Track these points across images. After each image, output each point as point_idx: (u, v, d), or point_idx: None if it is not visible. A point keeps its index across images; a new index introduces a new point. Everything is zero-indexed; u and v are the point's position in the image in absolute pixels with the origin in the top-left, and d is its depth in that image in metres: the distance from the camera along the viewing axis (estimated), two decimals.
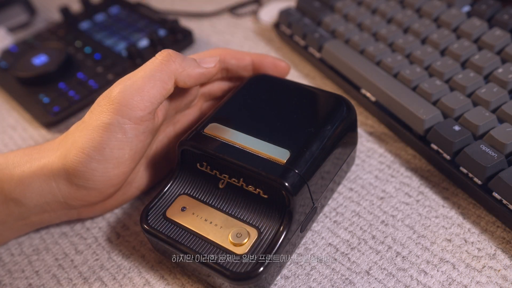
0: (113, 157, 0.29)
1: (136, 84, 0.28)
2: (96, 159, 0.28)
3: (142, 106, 0.28)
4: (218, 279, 0.27)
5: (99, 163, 0.28)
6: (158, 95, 0.29)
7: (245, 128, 0.30)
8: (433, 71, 0.37)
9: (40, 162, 0.30)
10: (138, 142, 0.29)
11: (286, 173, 0.27)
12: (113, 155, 0.29)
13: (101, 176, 0.29)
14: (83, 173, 0.29)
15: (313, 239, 0.31)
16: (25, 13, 0.62)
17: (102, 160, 0.28)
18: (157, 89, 0.29)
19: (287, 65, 0.37)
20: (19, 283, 0.32)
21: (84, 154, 0.28)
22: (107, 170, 0.29)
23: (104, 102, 0.29)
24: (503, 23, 0.37)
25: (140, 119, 0.29)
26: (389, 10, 0.43)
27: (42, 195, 0.30)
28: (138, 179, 0.34)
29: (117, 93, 0.28)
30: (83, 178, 0.29)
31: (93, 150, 0.28)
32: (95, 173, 0.29)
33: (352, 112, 0.32)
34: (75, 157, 0.28)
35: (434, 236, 0.31)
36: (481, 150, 0.30)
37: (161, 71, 0.29)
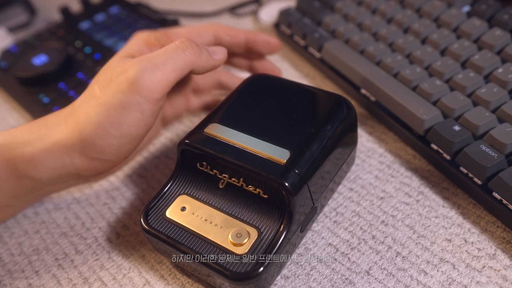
0: (129, 134, 0.30)
1: (158, 68, 0.29)
2: (114, 135, 0.29)
3: (160, 88, 0.29)
4: (218, 279, 0.27)
5: (116, 139, 0.30)
6: (174, 80, 0.30)
7: (245, 128, 0.30)
8: (433, 71, 0.37)
9: (51, 138, 0.30)
10: (153, 120, 0.31)
11: (286, 173, 0.27)
12: (130, 131, 0.30)
13: (117, 150, 0.30)
14: (100, 147, 0.30)
15: (313, 239, 0.31)
16: (25, 13, 0.62)
17: (119, 136, 0.30)
18: (175, 75, 0.30)
19: (278, 42, 0.39)
20: (19, 283, 0.32)
21: (102, 130, 0.29)
22: (122, 145, 0.30)
23: (122, 80, 0.29)
24: (503, 23, 0.37)
25: (157, 100, 0.30)
26: (389, 10, 0.43)
27: (56, 169, 0.31)
28: (141, 145, 0.37)
29: (137, 73, 0.29)
30: (99, 152, 0.30)
31: (112, 127, 0.29)
32: (111, 147, 0.30)
33: (352, 112, 0.32)
34: (93, 133, 0.29)
35: (434, 236, 0.31)
36: (481, 150, 0.30)
37: (181, 59, 0.30)
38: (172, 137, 0.41)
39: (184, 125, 0.42)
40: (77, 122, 0.30)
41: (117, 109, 0.29)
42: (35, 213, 0.36)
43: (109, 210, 0.36)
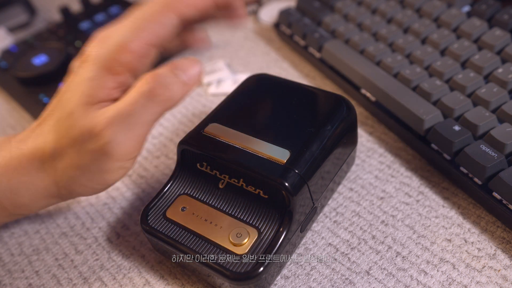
0: (115, 181, 0.28)
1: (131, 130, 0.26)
2: (100, 189, 0.29)
3: (139, 149, 0.27)
4: (218, 279, 0.27)
5: (102, 188, 0.29)
6: (149, 131, 0.27)
7: (245, 128, 0.30)
8: (433, 71, 0.37)
9: (36, 187, 0.28)
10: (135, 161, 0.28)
11: (286, 173, 0.27)
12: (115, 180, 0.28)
13: (104, 190, 0.29)
14: (88, 195, 0.29)
15: (313, 239, 0.31)
16: (25, 13, 0.62)
17: (106, 187, 0.29)
18: (149, 129, 0.27)
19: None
20: (19, 283, 0.32)
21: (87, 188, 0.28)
22: (109, 185, 0.29)
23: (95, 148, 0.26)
24: (503, 23, 0.37)
25: (137, 155, 0.28)
26: (389, 10, 0.43)
27: (47, 205, 0.30)
28: None
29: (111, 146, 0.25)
30: (87, 196, 0.30)
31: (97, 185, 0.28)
32: (99, 191, 0.29)
33: (352, 112, 0.32)
34: (78, 190, 0.28)
35: (434, 236, 0.31)
36: (481, 150, 0.30)
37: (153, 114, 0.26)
38: (172, 137, 0.41)
39: (184, 125, 0.42)
40: (59, 176, 0.27)
41: (98, 173, 0.27)
42: (35, 213, 0.36)
43: (109, 210, 0.36)
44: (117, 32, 0.27)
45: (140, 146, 0.27)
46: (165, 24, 0.27)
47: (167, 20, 0.27)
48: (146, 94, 0.25)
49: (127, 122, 0.25)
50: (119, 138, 0.25)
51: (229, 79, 0.46)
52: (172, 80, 0.26)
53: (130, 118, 0.25)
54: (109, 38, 0.26)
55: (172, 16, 0.27)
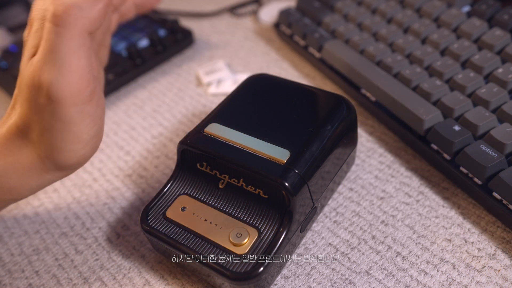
0: (93, 136, 0.27)
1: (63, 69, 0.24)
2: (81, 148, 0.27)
3: (85, 83, 0.25)
4: (218, 279, 0.27)
5: (85, 148, 0.27)
6: (88, 61, 0.25)
7: (245, 128, 0.30)
8: (433, 71, 0.37)
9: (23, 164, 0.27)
10: (102, 106, 0.27)
11: (286, 173, 0.27)
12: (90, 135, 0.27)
13: (92, 151, 0.28)
14: (75, 162, 0.27)
15: (313, 239, 0.31)
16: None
17: (86, 144, 0.27)
18: (84, 57, 0.25)
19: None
20: (19, 283, 0.32)
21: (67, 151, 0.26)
22: (94, 145, 0.28)
23: (45, 101, 0.25)
24: (503, 23, 0.37)
25: (91, 93, 0.26)
26: (389, 10, 0.43)
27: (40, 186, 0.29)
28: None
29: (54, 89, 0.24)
30: (76, 164, 0.28)
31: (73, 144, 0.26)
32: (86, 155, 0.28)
33: (352, 112, 0.32)
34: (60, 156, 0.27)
35: (434, 236, 0.31)
36: (481, 150, 0.30)
37: (72, 38, 0.24)
38: (172, 137, 0.41)
39: (184, 125, 0.42)
40: (37, 147, 0.27)
41: (65, 128, 0.25)
42: (35, 213, 0.36)
43: (109, 210, 0.36)
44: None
45: (86, 80, 0.25)
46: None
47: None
48: (52, 19, 0.24)
49: (53, 58, 0.24)
50: (56, 77, 0.24)
51: (229, 79, 0.46)
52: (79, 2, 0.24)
53: (53, 52, 0.24)
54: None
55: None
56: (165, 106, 0.45)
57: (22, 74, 0.26)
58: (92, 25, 0.25)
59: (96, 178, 0.39)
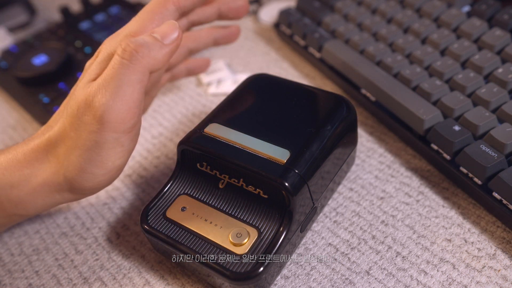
0: (115, 166, 0.28)
1: (118, 96, 0.26)
2: (101, 174, 0.28)
3: (131, 114, 0.27)
4: (218, 279, 0.27)
5: (104, 176, 0.28)
6: (141, 96, 0.27)
7: (245, 128, 0.30)
8: (433, 71, 0.37)
9: (37, 178, 0.28)
10: (134, 143, 0.29)
11: (286, 173, 0.27)
12: (115, 165, 0.28)
13: (108, 182, 0.29)
14: (89, 187, 0.28)
15: (313, 239, 0.31)
16: (25, 13, 0.62)
17: (106, 173, 0.28)
18: (138, 91, 0.27)
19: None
20: (19, 283, 0.32)
21: (87, 174, 0.28)
22: (112, 176, 0.29)
23: (89, 120, 0.26)
24: (503, 23, 0.37)
25: (132, 126, 0.27)
26: (389, 10, 0.43)
27: (47, 206, 0.30)
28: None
29: (102, 111, 0.26)
30: (89, 190, 0.29)
31: (96, 168, 0.27)
32: (101, 184, 0.29)
33: (352, 112, 0.32)
34: (79, 178, 0.28)
35: (434, 236, 0.31)
36: (481, 150, 0.30)
37: (135, 72, 0.26)
38: (172, 137, 0.41)
39: (184, 125, 0.42)
40: (60, 163, 0.28)
41: (95, 150, 0.27)
42: None
43: (109, 210, 0.36)
44: (125, 27, 0.30)
45: (132, 113, 0.27)
46: (165, 15, 0.30)
47: (167, 11, 0.30)
48: (121, 52, 0.26)
49: (112, 85, 0.26)
50: (109, 101, 0.26)
51: (229, 79, 0.46)
52: (148, 40, 0.27)
53: (114, 80, 0.26)
54: (118, 34, 0.29)
55: (171, 7, 0.30)
56: (165, 106, 0.45)
57: (74, 95, 0.28)
58: (155, 66, 0.27)
59: None
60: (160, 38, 0.28)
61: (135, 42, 0.27)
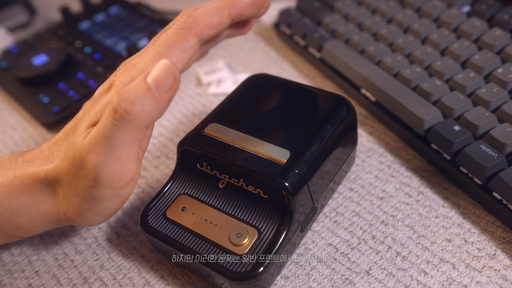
0: (114, 212, 0.28)
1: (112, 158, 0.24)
2: (99, 220, 0.28)
3: (128, 172, 0.25)
4: (218, 279, 0.27)
5: (103, 220, 0.28)
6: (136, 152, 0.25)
7: (245, 128, 0.30)
8: (433, 71, 0.37)
9: (38, 209, 0.27)
10: (132, 189, 0.27)
11: (286, 173, 0.27)
12: (114, 212, 0.27)
13: (105, 221, 0.29)
14: (88, 226, 0.29)
15: (313, 239, 0.31)
16: (25, 13, 0.62)
17: (105, 218, 0.28)
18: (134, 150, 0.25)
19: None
20: (19, 283, 0.32)
21: (86, 219, 0.27)
22: (109, 217, 0.28)
23: (85, 175, 0.25)
24: (503, 23, 0.37)
25: (130, 181, 0.26)
26: (389, 10, 0.43)
27: (44, 231, 0.30)
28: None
29: (96, 171, 0.24)
30: (90, 226, 0.29)
31: (94, 215, 0.27)
32: (99, 223, 0.28)
33: (352, 112, 0.32)
34: (78, 220, 0.27)
35: (434, 236, 0.31)
36: (481, 150, 0.30)
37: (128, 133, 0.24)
38: (172, 137, 0.41)
39: (184, 125, 0.42)
40: (60, 201, 0.27)
41: (93, 202, 0.26)
42: None
43: None
44: (142, 61, 0.27)
45: (128, 171, 0.25)
46: (187, 49, 0.27)
47: (189, 44, 0.27)
48: (112, 113, 0.23)
49: (105, 145, 0.24)
50: (102, 162, 0.24)
51: (229, 79, 0.46)
52: (141, 93, 0.23)
53: (106, 140, 0.24)
54: (134, 66, 0.27)
55: (193, 39, 0.27)
56: None
57: (73, 139, 0.26)
58: (151, 121, 0.24)
59: None
60: (155, 88, 0.23)
61: (125, 101, 0.23)
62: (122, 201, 0.27)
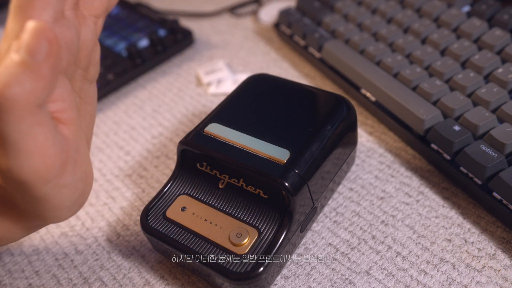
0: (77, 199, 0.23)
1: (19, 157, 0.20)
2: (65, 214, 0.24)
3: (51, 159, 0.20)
4: (218, 279, 0.27)
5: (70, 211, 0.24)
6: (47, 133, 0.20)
7: (245, 128, 0.30)
8: (433, 71, 0.37)
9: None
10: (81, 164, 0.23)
11: (286, 173, 0.27)
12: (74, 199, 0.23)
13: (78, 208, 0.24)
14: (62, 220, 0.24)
15: (313, 239, 0.31)
16: None
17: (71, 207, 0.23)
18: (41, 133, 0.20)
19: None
20: (19, 283, 0.32)
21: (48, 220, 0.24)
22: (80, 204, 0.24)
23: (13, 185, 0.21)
24: (503, 23, 0.37)
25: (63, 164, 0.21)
26: (389, 10, 0.43)
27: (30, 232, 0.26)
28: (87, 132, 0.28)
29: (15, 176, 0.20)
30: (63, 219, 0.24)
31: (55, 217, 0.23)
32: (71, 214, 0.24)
33: (352, 112, 0.32)
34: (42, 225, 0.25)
35: (434, 236, 0.31)
36: (481, 150, 0.30)
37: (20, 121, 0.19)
38: (172, 137, 0.41)
39: (184, 125, 0.42)
40: (22, 213, 0.24)
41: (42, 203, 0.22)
42: None
43: (109, 210, 0.36)
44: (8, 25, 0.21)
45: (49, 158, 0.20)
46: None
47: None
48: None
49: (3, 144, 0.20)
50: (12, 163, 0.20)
51: (229, 79, 0.46)
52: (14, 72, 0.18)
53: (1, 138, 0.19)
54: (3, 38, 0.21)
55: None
56: (165, 106, 0.45)
57: None
58: (41, 97, 0.19)
59: (96, 178, 0.39)
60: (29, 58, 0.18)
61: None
62: (75, 188, 0.23)
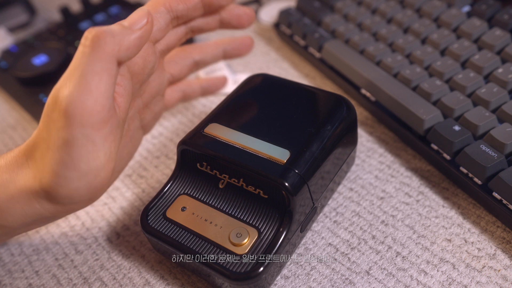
0: (90, 169, 0.25)
1: (81, 86, 0.24)
2: (74, 178, 0.25)
3: (99, 107, 0.24)
4: (218, 279, 0.27)
5: (79, 181, 0.25)
6: (108, 87, 0.25)
7: (245, 128, 0.30)
8: (433, 71, 0.37)
9: (15, 185, 0.26)
10: (110, 143, 0.26)
11: (286, 173, 0.27)
12: (90, 167, 0.25)
13: (86, 190, 0.26)
14: (66, 194, 0.26)
15: (313, 239, 0.31)
16: (25, 13, 0.62)
17: (80, 177, 0.25)
18: (105, 81, 0.25)
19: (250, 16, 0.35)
20: (19, 283, 0.32)
21: (59, 178, 0.25)
22: (89, 183, 0.26)
23: (57, 116, 0.24)
24: (503, 23, 0.37)
25: (104, 121, 0.25)
26: (389, 10, 0.43)
27: (26, 216, 0.27)
28: (118, 164, 0.32)
29: (66, 103, 0.24)
30: (67, 198, 0.26)
31: (67, 170, 0.25)
32: (78, 190, 0.26)
33: (352, 112, 0.32)
34: (52, 182, 0.25)
35: (434, 236, 0.31)
36: (481, 150, 0.30)
37: (98, 60, 0.24)
38: (172, 137, 0.41)
39: (184, 125, 0.42)
40: (37, 168, 0.26)
41: (65, 149, 0.24)
42: None
43: (109, 210, 0.36)
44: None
45: (100, 105, 0.24)
46: (157, 17, 0.30)
47: (158, 14, 0.30)
48: (83, 40, 0.25)
49: (75, 76, 0.24)
50: (72, 93, 0.24)
51: (229, 79, 0.46)
52: (113, 27, 0.25)
53: (77, 70, 0.24)
54: None
55: (162, 9, 0.30)
56: None
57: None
58: (122, 53, 0.25)
59: None
60: (128, 25, 0.26)
61: (97, 29, 0.25)
62: (97, 153, 0.25)
